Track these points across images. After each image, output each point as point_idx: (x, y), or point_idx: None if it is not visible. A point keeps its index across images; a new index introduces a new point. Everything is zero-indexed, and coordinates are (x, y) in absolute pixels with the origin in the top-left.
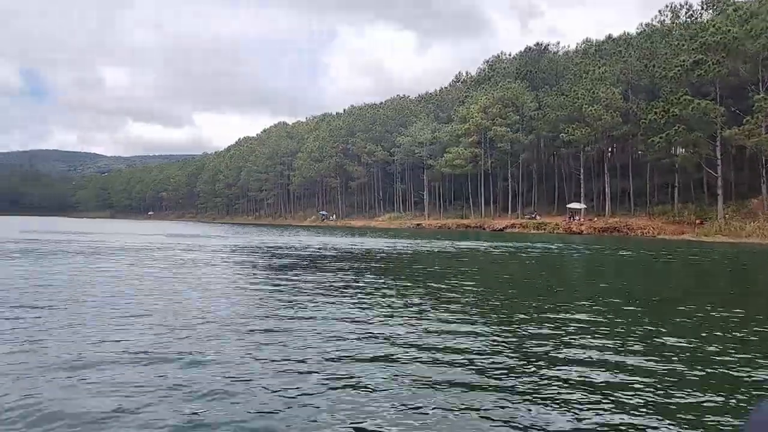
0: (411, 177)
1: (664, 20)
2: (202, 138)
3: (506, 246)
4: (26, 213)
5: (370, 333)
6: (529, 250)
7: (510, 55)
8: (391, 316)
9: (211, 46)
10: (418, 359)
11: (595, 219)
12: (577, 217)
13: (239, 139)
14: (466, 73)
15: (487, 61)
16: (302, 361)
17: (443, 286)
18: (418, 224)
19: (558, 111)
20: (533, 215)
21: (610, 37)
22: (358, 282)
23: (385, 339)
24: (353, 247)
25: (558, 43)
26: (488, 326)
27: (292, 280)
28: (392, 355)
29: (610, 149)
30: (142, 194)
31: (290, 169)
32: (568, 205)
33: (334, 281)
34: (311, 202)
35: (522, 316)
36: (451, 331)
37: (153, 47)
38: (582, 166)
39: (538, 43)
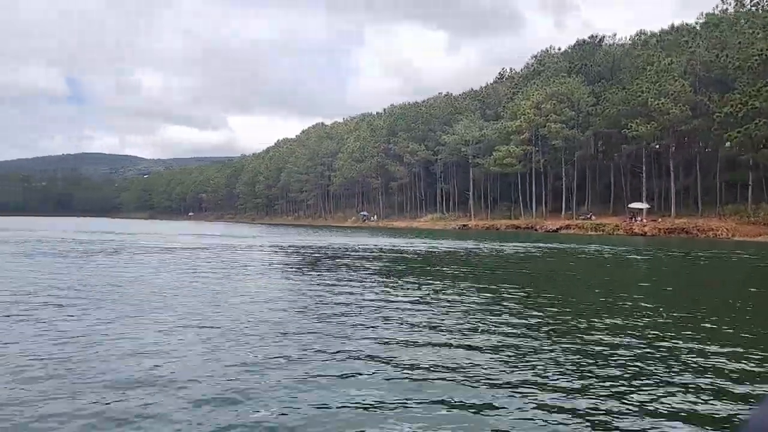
0: (455, 176)
1: (727, 9)
2: (235, 140)
3: (575, 247)
4: (71, 215)
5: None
6: (606, 252)
7: (559, 49)
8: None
9: (242, 50)
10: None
11: (659, 219)
12: (639, 218)
13: (278, 140)
14: (510, 69)
15: (535, 56)
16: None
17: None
18: (464, 225)
19: (619, 106)
20: (587, 215)
21: (672, 27)
22: (457, 294)
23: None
24: (413, 248)
25: (615, 35)
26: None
27: (379, 283)
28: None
29: (673, 145)
30: (182, 195)
31: (330, 170)
32: (630, 205)
33: (427, 292)
34: (350, 202)
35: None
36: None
37: (187, 52)
38: (644, 163)
39: (592, 36)
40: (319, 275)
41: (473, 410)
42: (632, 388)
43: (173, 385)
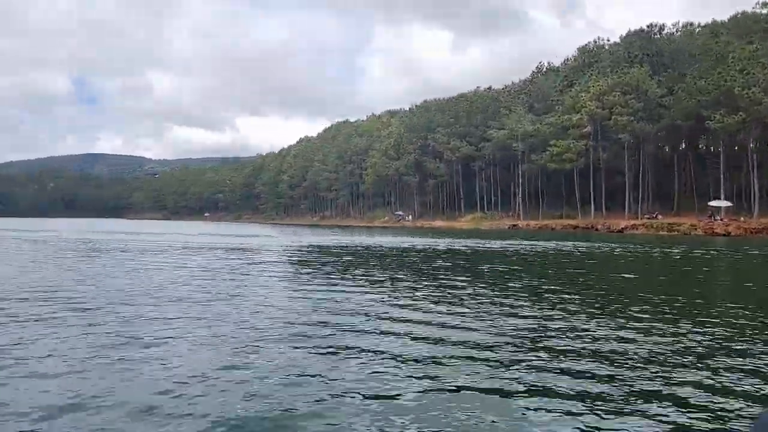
0: (497, 174)
1: None
2: (243, 141)
3: (678, 249)
4: (82, 215)
5: None
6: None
7: (608, 40)
8: None
9: (250, 51)
10: None
11: (741, 219)
12: (718, 217)
13: (300, 138)
14: (548, 62)
15: (584, 48)
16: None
17: None
18: (513, 225)
19: (698, 96)
20: (653, 214)
21: (740, 13)
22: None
23: None
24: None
25: (678, 22)
26: None
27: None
28: None
29: (754, 139)
30: (198, 195)
31: (360, 168)
32: (711, 203)
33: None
34: (379, 201)
35: None
36: None
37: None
38: (722, 158)
39: (650, 25)
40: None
41: None
42: None
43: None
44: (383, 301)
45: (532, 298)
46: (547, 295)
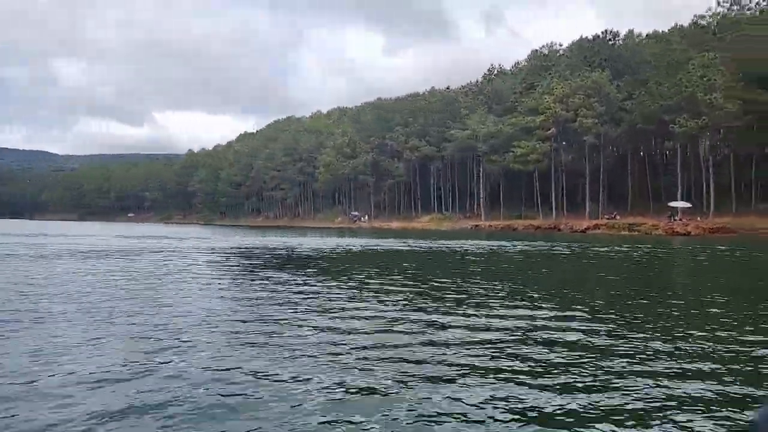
0: (455, 174)
1: (729, 10)
2: (164, 136)
3: (636, 249)
4: None
5: None
6: (686, 253)
7: (561, 45)
8: None
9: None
10: None
11: (698, 219)
12: (677, 217)
13: (240, 134)
14: (499, 65)
15: (537, 52)
16: None
17: None
18: (475, 225)
19: (660, 100)
20: (612, 215)
21: (698, 23)
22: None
23: None
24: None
25: (632, 30)
26: None
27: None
28: None
29: (717, 142)
30: (122, 194)
31: (311, 166)
32: (671, 203)
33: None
34: (329, 202)
35: None
36: None
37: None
38: (679, 161)
39: (604, 31)
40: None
41: None
42: None
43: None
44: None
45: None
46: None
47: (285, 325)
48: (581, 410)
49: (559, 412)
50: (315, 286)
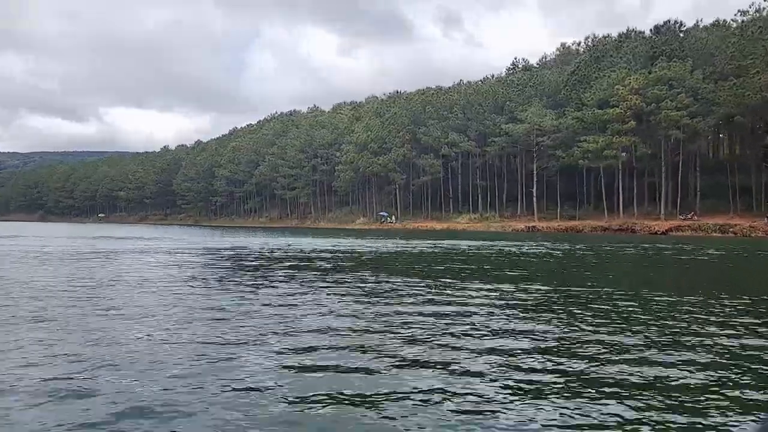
0: (503, 171)
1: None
2: (114, 134)
3: None
4: None
5: None
6: None
7: (607, 36)
8: None
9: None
10: None
11: None
12: None
13: (233, 129)
14: (524, 59)
15: (589, 40)
16: None
17: None
18: (531, 226)
19: (764, 92)
20: (690, 215)
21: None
22: None
23: None
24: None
25: (701, 20)
26: None
27: None
28: None
29: None
30: (90, 193)
31: (327, 164)
32: None
33: None
34: (341, 202)
35: None
36: None
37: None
38: None
39: (668, 21)
40: None
41: None
42: None
43: None
44: None
45: None
46: None
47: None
48: None
49: None
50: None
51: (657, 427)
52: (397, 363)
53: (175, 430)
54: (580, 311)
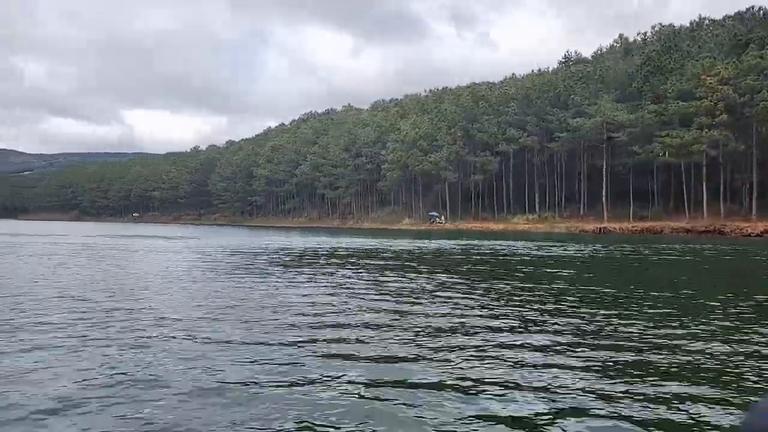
0: (564, 168)
1: None
2: (133, 135)
3: None
4: None
5: None
6: None
7: (671, 25)
8: None
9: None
10: None
11: None
12: None
13: (268, 128)
14: (575, 52)
15: (656, 28)
16: None
17: None
18: (601, 228)
19: None
20: None
21: None
22: None
23: None
24: None
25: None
26: None
27: None
28: None
29: None
30: (124, 193)
31: (372, 162)
32: None
33: None
34: (386, 200)
35: None
36: None
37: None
38: None
39: (752, 8)
40: None
41: None
42: None
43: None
44: None
45: None
46: None
47: None
48: None
49: None
50: None
51: None
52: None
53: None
54: None
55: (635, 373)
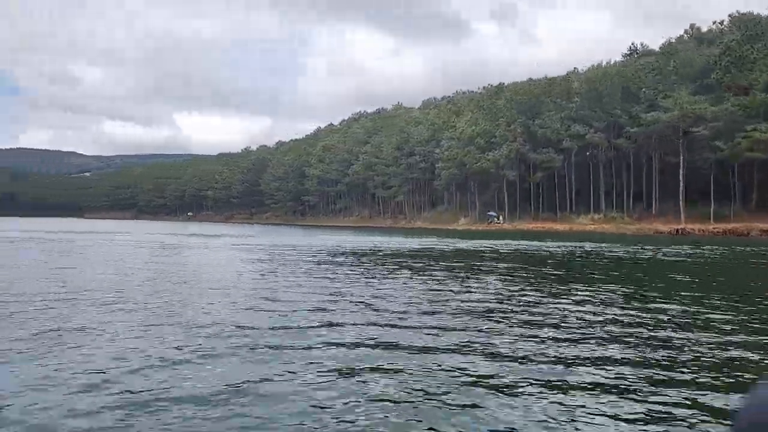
0: (631, 167)
1: None
2: (183, 138)
3: None
4: (24, 214)
5: None
6: None
7: (753, 12)
8: None
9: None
10: None
11: None
12: None
13: (318, 128)
14: (641, 44)
15: (734, 15)
16: None
17: None
18: (678, 229)
19: None
20: None
21: None
22: None
23: None
24: None
25: None
26: None
27: None
28: None
29: None
30: (180, 193)
31: (426, 161)
32: None
33: None
34: (439, 199)
35: None
36: None
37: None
38: None
39: None
40: None
41: None
42: None
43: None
44: None
45: None
46: None
47: None
48: None
49: None
50: None
51: None
52: None
53: None
54: None
55: None
